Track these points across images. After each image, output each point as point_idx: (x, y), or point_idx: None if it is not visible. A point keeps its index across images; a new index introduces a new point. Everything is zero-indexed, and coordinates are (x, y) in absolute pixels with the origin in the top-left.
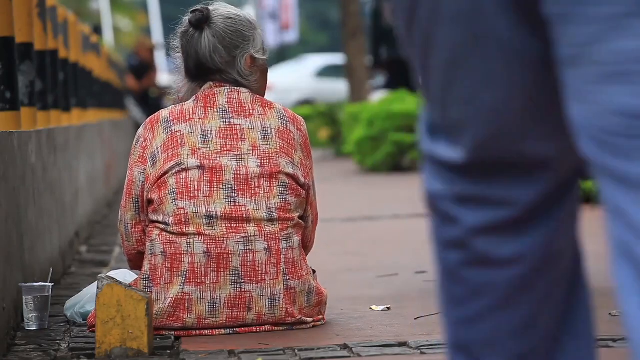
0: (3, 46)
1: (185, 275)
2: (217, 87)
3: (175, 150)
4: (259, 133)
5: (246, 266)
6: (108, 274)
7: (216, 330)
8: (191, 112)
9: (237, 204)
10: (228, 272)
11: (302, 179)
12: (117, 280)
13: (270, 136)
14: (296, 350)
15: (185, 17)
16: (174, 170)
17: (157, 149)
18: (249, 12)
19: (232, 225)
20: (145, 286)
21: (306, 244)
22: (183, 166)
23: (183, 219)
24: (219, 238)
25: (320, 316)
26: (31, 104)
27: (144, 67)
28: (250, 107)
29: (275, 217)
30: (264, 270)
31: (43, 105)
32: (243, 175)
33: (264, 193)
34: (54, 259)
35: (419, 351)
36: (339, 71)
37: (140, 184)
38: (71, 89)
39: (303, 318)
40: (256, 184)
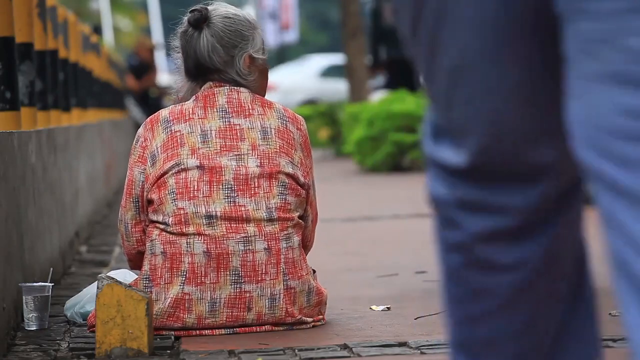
0: (3, 46)
1: (185, 275)
2: (217, 87)
3: (175, 150)
4: (259, 133)
5: (246, 266)
6: (108, 274)
7: (216, 330)
8: (191, 112)
9: (237, 204)
10: (228, 272)
11: (302, 178)
12: (117, 280)
13: (270, 136)
14: (296, 350)
15: (184, 17)
16: (173, 170)
17: (157, 148)
18: (248, 12)
19: (232, 225)
20: (145, 286)
21: (306, 244)
22: (182, 166)
23: (183, 219)
24: (218, 238)
25: (320, 316)
26: (31, 104)
27: (144, 67)
28: (250, 107)
29: (275, 217)
30: (263, 270)
31: (43, 105)
32: (243, 175)
33: (264, 193)
34: (54, 259)
35: (419, 351)
36: (343, 71)
37: (140, 183)
38: (71, 89)
39: (303, 318)
40: (256, 184)
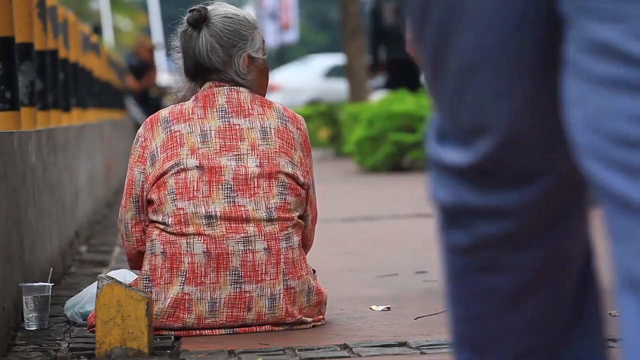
0: (3, 46)
1: (185, 275)
2: (217, 87)
3: (175, 150)
4: (258, 133)
5: (246, 266)
6: (108, 274)
7: (216, 330)
8: (190, 112)
9: (237, 204)
10: (228, 272)
11: (302, 178)
12: (117, 280)
13: (269, 136)
14: (296, 350)
15: (184, 17)
16: (173, 171)
17: (157, 148)
18: (248, 12)
19: (232, 225)
20: (145, 286)
21: (306, 243)
22: (182, 166)
23: (182, 219)
24: (218, 238)
25: (320, 316)
26: (31, 104)
27: (144, 67)
28: (250, 107)
29: (275, 217)
30: (263, 270)
31: (43, 105)
32: (242, 175)
33: (264, 193)
34: (54, 259)
35: (419, 351)
36: None
37: (140, 183)
38: (71, 89)
39: (303, 318)
40: (255, 183)
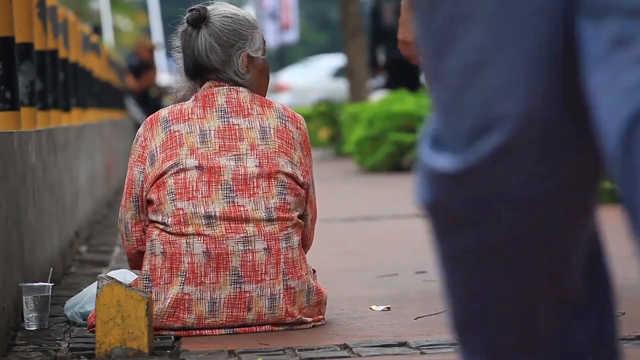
0: (3, 46)
1: (185, 275)
2: (216, 87)
3: (174, 150)
4: (258, 133)
5: (246, 266)
6: (108, 274)
7: (216, 330)
8: (190, 112)
9: (236, 204)
10: (228, 272)
11: (301, 178)
12: (117, 280)
13: (269, 136)
14: (296, 350)
15: (184, 17)
16: (172, 171)
17: (156, 148)
18: (248, 12)
19: (231, 225)
20: (145, 286)
21: (305, 242)
22: (181, 166)
23: (182, 220)
24: (218, 238)
25: (320, 316)
26: (31, 104)
27: (143, 67)
28: (249, 107)
29: (275, 217)
30: (263, 270)
31: (43, 105)
32: (241, 175)
33: (263, 193)
34: (54, 259)
35: (419, 351)
36: None
37: (140, 183)
38: (71, 89)
39: (303, 318)
40: (255, 183)
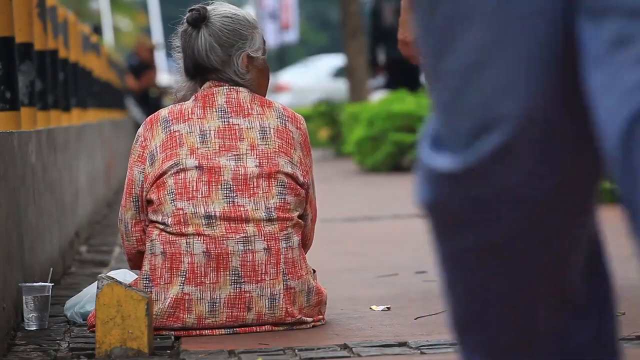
0: (3, 46)
1: (185, 275)
2: (216, 87)
3: (174, 150)
4: (258, 133)
5: (246, 266)
6: (108, 274)
7: (216, 330)
8: (190, 112)
9: (236, 204)
10: (228, 272)
11: (301, 178)
12: (117, 280)
13: (269, 136)
14: (296, 350)
15: (184, 17)
16: (172, 171)
17: (156, 148)
18: (249, 12)
19: (231, 225)
20: (145, 286)
21: (305, 242)
22: (181, 166)
23: (182, 220)
24: (218, 238)
25: (320, 316)
26: (31, 104)
27: (143, 67)
28: (249, 107)
29: (275, 217)
30: (263, 270)
31: (43, 105)
32: (241, 175)
33: (263, 193)
34: (54, 259)
35: (419, 351)
36: None
37: (140, 183)
38: (71, 89)
39: (303, 318)
40: (255, 183)
